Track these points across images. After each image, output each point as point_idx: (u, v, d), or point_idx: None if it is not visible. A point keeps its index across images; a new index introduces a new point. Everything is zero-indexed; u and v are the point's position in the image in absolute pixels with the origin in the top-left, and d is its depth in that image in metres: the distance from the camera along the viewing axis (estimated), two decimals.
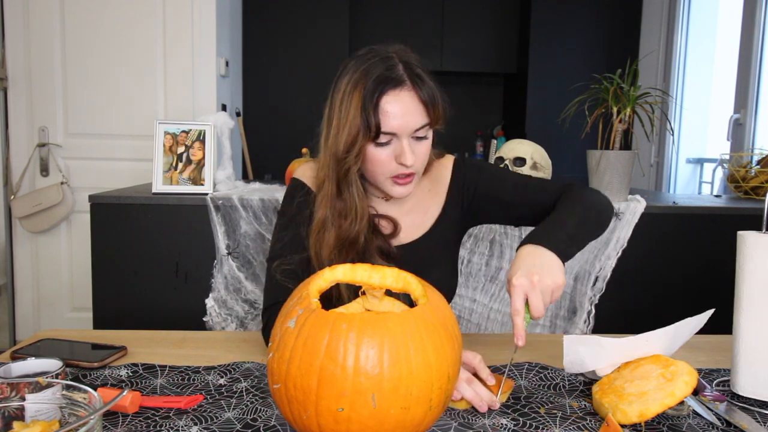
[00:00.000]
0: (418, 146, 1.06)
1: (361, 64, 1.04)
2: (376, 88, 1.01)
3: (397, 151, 1.04)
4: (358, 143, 1.03)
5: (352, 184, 1.08)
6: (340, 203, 1.09)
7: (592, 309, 1.86)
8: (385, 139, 1.03)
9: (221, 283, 1.85)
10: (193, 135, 1.90)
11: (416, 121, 1.03)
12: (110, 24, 2.96)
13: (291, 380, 0.67)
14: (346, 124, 1.03)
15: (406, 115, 1.02)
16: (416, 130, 1.04)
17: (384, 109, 1.01)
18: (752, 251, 0.88)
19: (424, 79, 1.04)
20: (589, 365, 0.92)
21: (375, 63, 1.03)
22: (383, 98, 1.01)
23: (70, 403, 0.65)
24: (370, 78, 1.02)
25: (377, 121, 1.01)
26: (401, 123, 1.02)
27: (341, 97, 1.05)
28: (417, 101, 1.03)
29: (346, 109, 1.03)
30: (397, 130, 1.03)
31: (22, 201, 2.90)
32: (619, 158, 1.84)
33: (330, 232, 1.08)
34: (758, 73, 2.93)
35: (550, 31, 4.03)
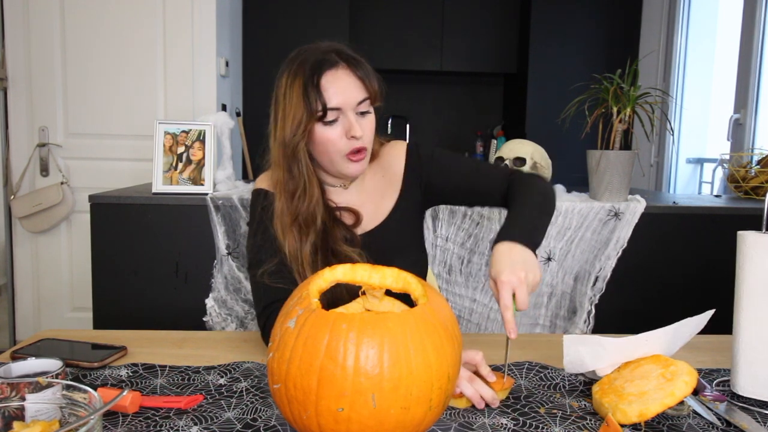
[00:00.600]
0: (363, 121, 1.12)
1: (296, 60, 1.11)
2: (314, 72, 1.07)
3: (346, 127, 1.10)
4: (303, 122, 1.08)
5: (301, 160, 1.12)
6: (292, 183, 1.13)
7: (592, 309, 1.86)
8: (332, 116, 1.09)
9: (221, 283, 1.85)
10: (193, 135, 1.90)
11: (357, 95, 1.10)
12: (110, 24, 2.96)
13: (291, 380, 0.67)
14: (290, 111, 1.09)
15: (346, 90, 1.09)
16: (359, 104, 1.10)
17: (325, 87, 1.07)
18: (752, 251, 0.88)
19: (358, 59, 1.12)
20: (589, 365, 0.92)
21: (309, 54, 1.11)
22: (323, 78, 1.07)
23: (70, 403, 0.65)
24: (306, 65, 1.08)
25: (322, 100, 1.07)
26: (343, 98, 1.08)
27: (283, 91, 1.11)
28: (354, 77, 1.10)
29: (289, 100, 1.09)
30: (341, 104, 1.08)
31: (22, 201, 2.90)
32: (619, 158, 1.84)
33: (286, 215, 1.12)
34: (758, 73, 2.93)
35: (550, 31, 4.03)
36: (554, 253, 1.85)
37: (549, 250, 1.85)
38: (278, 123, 1.12)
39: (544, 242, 1.84)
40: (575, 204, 1.84)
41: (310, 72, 1.08)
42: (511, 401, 0.87)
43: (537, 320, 1.89)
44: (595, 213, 1.84)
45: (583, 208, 1.84)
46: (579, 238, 1.85)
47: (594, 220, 1.85)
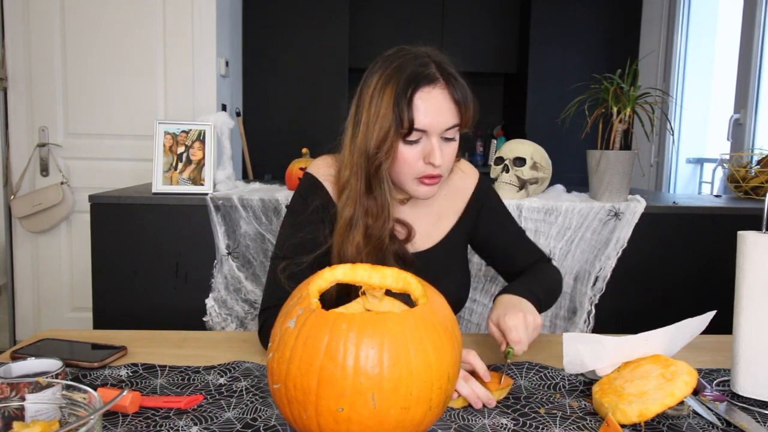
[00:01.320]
0: (446, 147, 1.05)
1: (393, 61, 1.03)
2: (410, 83, 1.00)
3: (426, 150, 1.03)
4: (390, 139, 1.01)
5: (384, 181, 1.06)
6: (370, 201, 1.06)
7: (592, 309, 1.86)
8: (415, 137, 1.02)
9: (221, 283, 1.85)
10: (193, 135, 1.90)
11: (447, 120, 1.02)
12: (110, 24, 2.96)
13: (291, 380, 0.67)
14: (377, 121, 1.01)
15: (438, 113, 1.01)
16: (446, 130, 1.03)
17: (417, 105, 1.00)
18: (752, 251, 0.88)
19: (458, 78, 1.04)
20: (589, 365, 0.92)
21: (407, 60, 1.03)
22: (417, 94, 1.00)
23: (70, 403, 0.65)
24: (403, 74, 1.00)
25: (410, 117, 1.00)
26: (433, 121, 1.01)
27: (371, 92, 1.03)
28: (450, 100, 1.02)
29: (377, 106, 1.01)
30: (428, 127, 1.01)
31: (22, 201, 2.90)
32: (619, 158, 1.84)
33: (357, 230, 1.06)
34: (758, 73, 2.92)
35: (550, 31, 4.03)
36: (554, 253, 1.85)
37: (549, 250, 1.85)
38: (361, 126, 1.04)
39: (544, 242, 1.84)
40: (575, 204, 1.84)
41: (405, 83, 1.00)
42: (511, 401, 0.87)
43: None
44: (595, 213, 1.84)
45: (583, 208, 1.84)
46: (579, 238, 1.85)
47: (594, 220, 1.85)
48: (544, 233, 1.84)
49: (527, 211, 1.83)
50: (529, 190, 1.89)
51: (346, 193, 1.08)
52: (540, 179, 1.89)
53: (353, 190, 1.07)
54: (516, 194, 1.87)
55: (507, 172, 1.87)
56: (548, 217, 1.84)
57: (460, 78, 1.04)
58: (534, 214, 1.84)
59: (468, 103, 1.04)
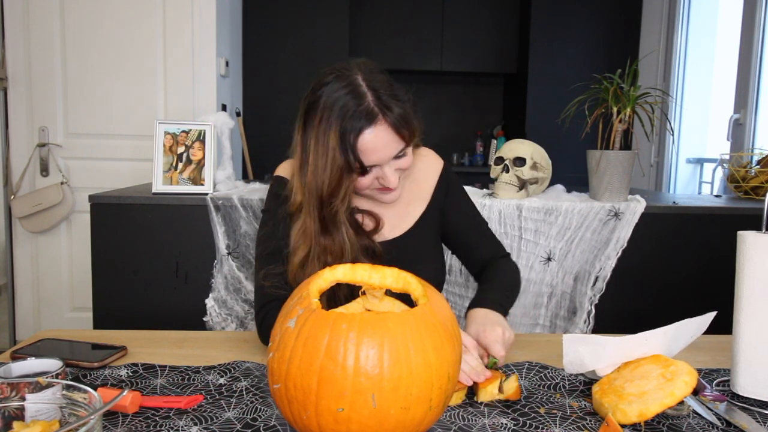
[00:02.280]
0: (399, 162, 1.08)
1: (330, 98, 1.02)
2: (351, 128, 1.00)
3: (380, 175, 1.08)
4: (344, 183, 1.04)
5: (341, 224, 1.08)
6: (328, 241, 1.08)
7: (592, 309, 1.86)
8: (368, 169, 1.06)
9: (221, 283, 1.85)
10: (193, 135, 1.90)
11: (393, 150, 1.05)
12: (110, 24, 2.96)
13: (291, 380, 0.67)
14: (326, 166, 1.02)
15: (384, 148, 1.04)
16: (395, 156, 1.07)
17: (363, 148, 1.02)
18: (752, 251, 0.88)
19: (393, 107, 1.03)
20: (589, 365, 0.92)
21: (343, 96, 1.01)
22: (360, 138, 1.01)
23: (70, 403, 0.65)
24: (344, 117, 1.00)
25: (359, 160, 1.02)
26: (380, 156, 1.04)
27: (315, 134, 1.03)
28: (391, 131, 1.03)
29: (323, 149, 1.02)
30: (377, 162, 1.05)
31: (22, 201, 2.90)
32: (619, 158, 1.84)
33: (314, 267, 1.06)
34: (758, 73, 2.93)
35: (550, 31, 4.03)
36: (554, 253, 1.85)
37: (549, 250, 1.85)
38: (308, 166, 1.04)
39: (544, 242, 1.84)
40: (575, 204, 1.84)
41: (348, 128, 1.00)
42: (511, 401, 0.87)
43: (537, 320, 1.89)
44: (595, 213, 1.84)
45: (583, 208, 1.84)
46: (579, 238, 1.85)
47: (594, 220, 1.85)
48: (544, 233, 1.84)
49: (527, 211, 1.83)
50: (529, 190, 1.89)
51: (300, 227, 1.08)
52: (540, 179, 1.89)
53: (308, 228, 1.07)
54: (516, 194, 1.87)
55: (507, 172, 1.87)
56: (548, 217, 1.84)
57: (394, 103, 1.03)
58: (534, 214, 1.84)
59: (409, 122, 1.05)
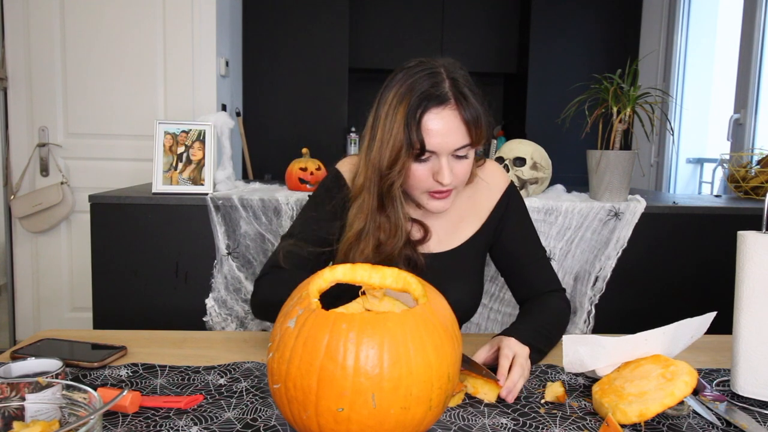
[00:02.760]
0: (457, 165, 1.05)
1: (408, 78, 1.03)
2: (420, 104, 1.00)
3: (435, 169, 1.04)
4: (401, 159, 1.02)
5: (396, 199, 1.07)
6: (383, 218, 1.08)
7: (592, 309, 1.86)
8: (425, 156, 1.03)
9: (221, 283, 1.85)
10: (193, 135, 1.90)
11: (457, 141, 1.02)
12: (110, 24, 2.96)
13: (291, 380, 0.67)
14: (390, 139, 1.02)
15: (447, 134, 1.01)
16: (456, 150, 1.03)
17: (426, 127, 1.01)
18: (752, 251, 0.88)
19: (469, 98, 1.02)
20: (589, 365, 0.92)
21: (421, 78, 1.02)
22: (426, 115, 1.00)
23: (70, 403, 0.65)
24: (414, 94, 1.01)
25: (420, 139, 1.01)
26: (441, 142, 1.01)
27: (386, 110, 1.04)
28: (459, 120, 1.02)
29: (390, 123, 1.02)
30: (437, 148, 1.02)
31: (22, 201, 2.90)
32: (619, 158, 1.84)
33: (367, 243, 1.07)
34: (758, 73, 2.93)
35: (550, 31, 4.04)
36: (554, 253, 1.85)
37: (549, 250, 1.85)
38: (375, 142, 1.05)
39: (544, 242, 1.84)
40: (575, 204, 1.84)
41: (416, 104, 1.00)
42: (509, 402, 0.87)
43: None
44: (595, 213, 1.84)
45: (583, 208, 1.84)
46: (579, 238, 1.85)
47: (594, 220, 1.85)
48: (544, 233, 1.84)
49: None
50: (529, 190, 1.89)
51: (358, 204, 1.09)
52: (540, 179, 1.89)
53: (365, 204, 1.08)
54: None
55: (507, 172, 1.87)
56: (548, 217, 1.84)
57: (472, 97, 1.03)
58: (534, 214, 1.84)
59: (480, 122, 1.03)
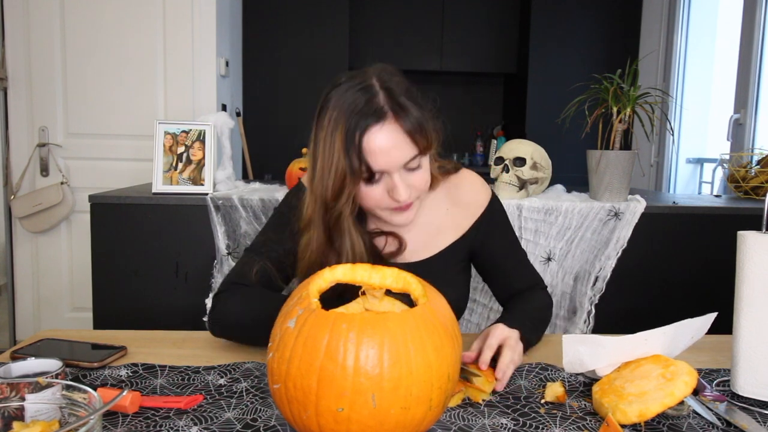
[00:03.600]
0: (411, 177, 1.00)
1: (341, 98, 0.96)
2: (357, 125, 0.94)
3: (389, 186, 0.99)
4: (347, 187, 0.97)
5: (345, 232, 1.02)
6: (333, 254, 1.03)
7: (592, 309, 1.86)
8: (375, 177, 0.98)
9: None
10: (193, 135, 1.90)
11: (404, 155, 0.96)
12: (110, 24, 2.96)
13: (291, 380, 0.67)
14: (331, 168, 0.96)
15: (392, 150, 0.95)
16: (406, 163, 0.98)
17: (368, 148, 0.94)
18: (752, 251, 0.88)
19: (407, 107, 0.96)
20: (588, 365, 0.92)
21: (354, 95, 0.95)
22: (365, 137, 0.94)
23: (70, 403, 0.65)
24: (350, 115, 0.94)
25: (365, 162, 0.95)
26: (388, 160, 0.96)
27: (323, 136, 0.97)
28: (402, 133, 0.95)
29: (329, 151, 0.96)
30: (385, 167, 0.96)
31: (22, 201, 2.90)
32: (619, 158, 1.84)
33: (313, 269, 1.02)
34: (758, 73, 2.93)
35: (550, 31, 4.04)
36: (554, 253, 1.85)
37: (549, 250, 1.85)
38: (316, 170, 0.99)
39: (544, 242, 1.84)
40: (575, 204, 1.84)
41: (353, 126, 0.93)
42: (511, 401, 0.87)
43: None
44: (595, 213, 1.84)
45: (583, 208, 1.84)
46: (579, 238, 1.85)
47: (594, 220, 1.85)
48: (544, 233, 1.84)
49: (527, 211, 1.83)
50: (529, 190, 1.89)
51: (306, 238, 1.04)
52: (540, 179, 1.89)
53: (313, 239, 1.03)
54: (516, 194, 1.87)
55: (507, 172, 1.87)
56: (548, 217, 1.84)
57: (411, 104, 0.97)
58: (534, 214, 1.84)
59: (423, 128, 0.97)
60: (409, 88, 1.01)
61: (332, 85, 1.01)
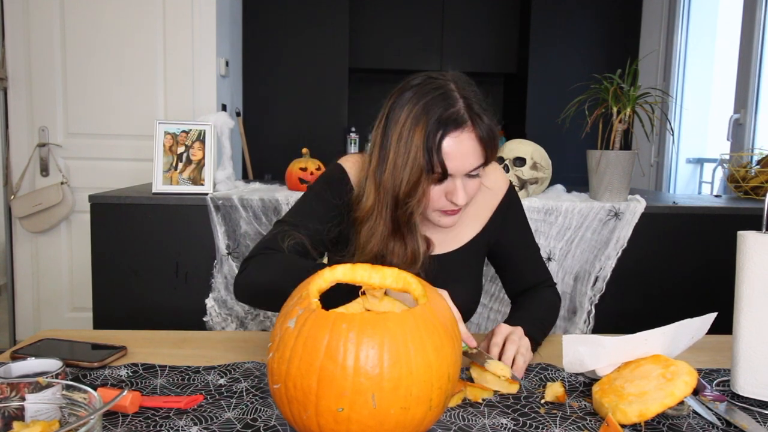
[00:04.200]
0: (470, 183, 1.05)
1: (420, 98, 1.00)
2: (438, 128, 0.98)
3: (449, 189, 1.03)
4: (422, 184, 1.01)
5: (415, 228, 1.06)
6: (398, 245, 1.06)
7: (592, 309, 1.86)
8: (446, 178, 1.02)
9: (221, 283, 1.85)
10: (193, 135, 1.90)
11: (473, 162, 1.02)
12: (110, 24, 2.96)
13: (291, 380, 0.67)
14: (407, 163, 1.00)
15: (465, 156, 1.01)
16: (472, 170, 1.03)
17: (446, 151, 0.99)
18: (752, 251, 0.88)
19: (483, 117, 1.01)
20: (588, 365, 0.92)
21: (436, 99, 1.00)
22: (446, 140, 0.99)
23: (70, 403, 0.65)
24: (432, 116, 0.98)
25: (442, 162, 0.99)
26: (459, 165, 1.01)
27: (399, 130, 1.01)
28: (476, 142, 1.01)
29: (406, 147, 1.00)
30: (455, 171, 1.01)
31: (22, 201, 2.90)
32: (619, 158, 1.84)
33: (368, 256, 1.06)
34: (758, 73, 2.93)
35: (550, 31, 4.03)
36: (554, 253, 1.85)
37: (549, 250, 1.85)
38: (388, 164, 1.02)
39: (544, 242, 1.84)
40: (575, 204, 1.84)
41: (434, 128, 0.98)
42: (511, 401, 0.87)
43: None
44: (595, 213, 1.84)
45: (583, 208, 1.84)
46: (579, 238, 1.85)
47: (594, 220, 1.85)
48: (544, 233, 1.84)
49: (527, 211, 1.82)
50: (529, 190, 1.89)
51: (368, 227, 1.07)
52: (540, 179, 1.90)
53: (378, 229, 1.06)
54: None
55: (507, 172, 1.87)
56: (548, 217, 1.84)
57: (485, 115, 1.02)
58: (534, 214, 1.84)
59: (494, 140, 1.03)
60: (482, 96, 1.05)
61: (407, 83, 1.04)
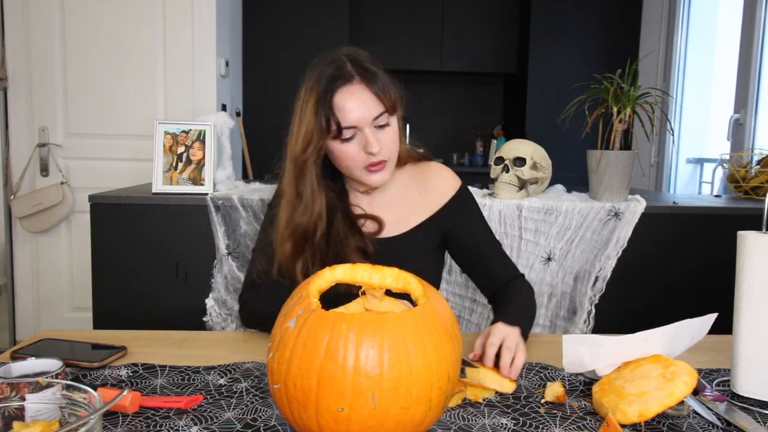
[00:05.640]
0: (381, 134, 1.11)
1: (314, 71, 1.11)
2: (327, 87, 1.07)
3: (363, 142, 1.10)
4: (314, 140, 1.09)
5: (307, 177, 1.12)
6: (296, 200, 1.14)
7: (592, 309, 1.86)
8: (348, 134, 1.09)
9: (221, 283, 1.85)
10: (193, 135, 1.90)
11: (372, 111, 1.08)
12: (110, 24, 2.96)
13: (291, 380, 0.67)
14: (303, 126, 1.10)
15: (361, 106, 1.07)
16: (375, 119, 1.09)
17: (338, 106, 1.07)
18: (752, 251, 0.88)
19: (373, 71, 1.09)
20: (588, 365, 0.92)
21: (324, 66, 1.10)
22: (336, 96, 1.07)
23: (70, 403, 0.65)
24: (321, 80, 1.08)
25: (336, 118, 1.07)
26: (358, 115, 1.07)
27: (300, 104, 1.11)
28: (369, 92, 1.08)
29: (303, 113, 1.10)
30: (356, 122, 1.08)
31: (22, 201, 2.90)
32: (619, 158, 1.84)
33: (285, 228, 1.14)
34: (758, 73, 2.93)
35: (550, 31, 4.04)
36: (554, 253, 1.85)
37: (549, 250, 1.85)
38: (293, 136, 1.13)
39: (544, 242, 1.84)
40: (575, 204, 1.84)
41: (324, 89, 1.07)
42: (511, 401, 0.87)
43: (537, 320, 1.88)
44: (595, 213, 1.84)
45: (583, 208, 1.84)
46: (579, 238, 1.85)
47: (594, 220, 1.85)
48: (544, 233, 1.84)
49: (527, 211, 1.83)
50: (529, 190, 1.89)
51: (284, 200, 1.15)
52: (540, 179, 1.89)
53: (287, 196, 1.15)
54: (516, 194, 1.87)
55: (507, 172, 1.87)
56: (548, 217, 1.84)
57: (376, 69, 1.10)
58: (534, 214, 1.84)
59: (388, 90, 1.09)
60: (374, 59, 1.13)
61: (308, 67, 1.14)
